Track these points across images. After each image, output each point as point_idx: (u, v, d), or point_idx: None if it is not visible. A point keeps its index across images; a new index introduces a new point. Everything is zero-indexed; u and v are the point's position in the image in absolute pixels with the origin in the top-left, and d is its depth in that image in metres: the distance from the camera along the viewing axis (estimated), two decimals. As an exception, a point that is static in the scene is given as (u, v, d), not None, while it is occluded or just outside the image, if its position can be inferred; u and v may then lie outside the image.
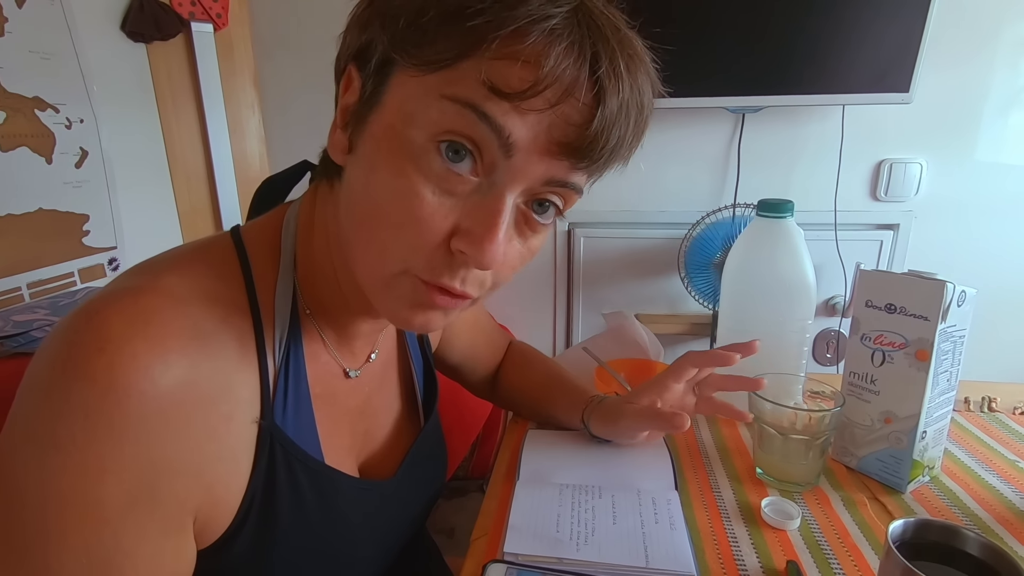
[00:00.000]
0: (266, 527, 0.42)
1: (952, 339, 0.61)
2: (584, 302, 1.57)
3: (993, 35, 1.28)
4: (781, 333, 0.77)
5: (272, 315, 0.43)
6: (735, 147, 1.38)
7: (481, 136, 0.35)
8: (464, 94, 0.34)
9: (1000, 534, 0.56)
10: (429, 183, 0.36)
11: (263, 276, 0.44)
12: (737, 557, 0.53)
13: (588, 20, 0.35)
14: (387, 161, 0.37)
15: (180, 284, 0.39)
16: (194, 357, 0.36)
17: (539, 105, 0.34)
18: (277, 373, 0.43)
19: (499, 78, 0.34)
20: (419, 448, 0.59)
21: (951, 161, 1.36)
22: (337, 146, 0.41)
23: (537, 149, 0.36)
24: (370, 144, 0.38)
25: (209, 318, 0.38)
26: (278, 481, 0.42)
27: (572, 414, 0.71)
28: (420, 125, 0.35)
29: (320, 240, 0.46)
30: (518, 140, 0.35)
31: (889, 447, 0.63)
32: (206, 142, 1.42)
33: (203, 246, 0.44)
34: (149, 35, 1.24)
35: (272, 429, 0.42)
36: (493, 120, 0.34)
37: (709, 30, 1.23)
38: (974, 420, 0.79)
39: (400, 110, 0.36)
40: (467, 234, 0.36)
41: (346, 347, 0.51)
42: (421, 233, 0.36)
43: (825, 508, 0.60)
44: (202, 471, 0.37)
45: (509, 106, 0.34)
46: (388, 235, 0.37)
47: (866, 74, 1.20)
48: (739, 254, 0.79)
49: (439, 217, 0.36)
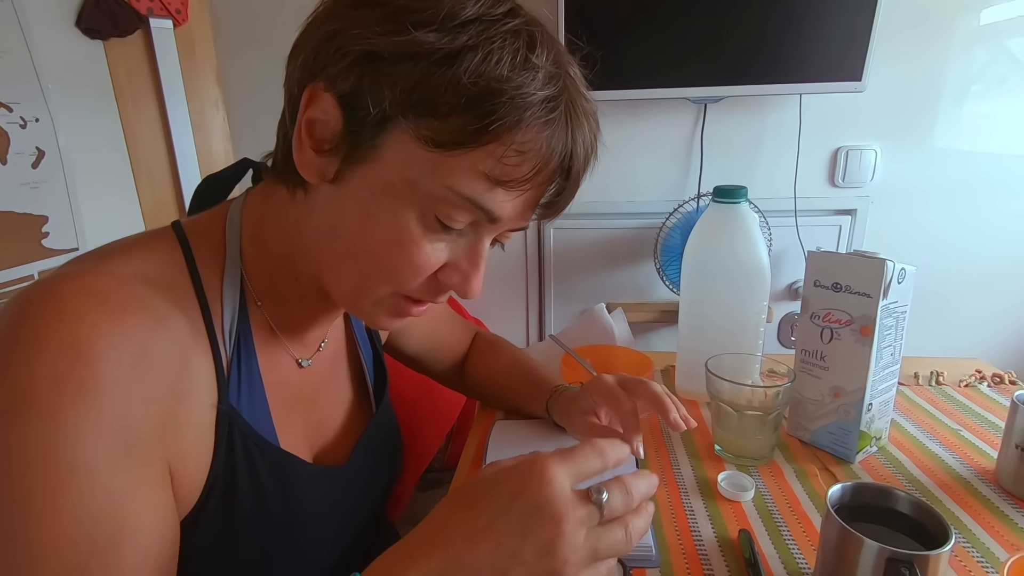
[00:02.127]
0: (229, 511, 0.43)
1: (894, 315, 0.64)
2: (556, 293, 1.58)
3: (945, 27, 1.33)
4: (739, 315, 0.79)
5: (220, 304, 0.44)
6: (698, 137, 1.41)
7: (475, 216, 0.40)
8: (468, 190, 0.38)
9: (940, 497, 0.59)
10: (427, 237, 0.41)
11: (208, 268, 0.45)
12: (694, 529, 0.55)
13: (570, 100, 0.40)
14: (386, 214, 0.40)
15: (124, 268, 0.40)
16: (150, 331, 0.37)
17: (526, 187, 0.40)
18: (230, 359, 0.44)
19: (502, 171, 0.38)
20: (371, 435, 0.60)
21: (904, 148, 1.41)
22: (311, 167, 0.41)
23: (516, 216, 0.42)
24: (364, 191, 0.40)
25: (158, 299, 0.39)
26: (237, 466, 0.43)
27: (537, 403, 0.73)
28: (421, 195, 0.39)
29: (276, 240, 0.47)
30: (503, 216, 0.41)
31: (838, 420, 0.66)
32: (169, 140, 1.39)
33: (146, 237, 0.45)
34: (106, 31, 1.21)
35: (230, 412, 0.43)
36: (489, 211, 0.40)
37: (670, 23, 1.25)
38: (922, 393, 0.83)
39: (401, 174, 0.39)
40: (455, 271, 0.43)
41: (297, 338, 0.52)
42: (419, 275, 0.42)
43: (779, 480, 0.63)
44: (172, 437, 0.38)
45: (503, 194, 0.39)
46: (383, 272, 0.42)
47: (821, 64, 1.24)
48: (697, 240, 0.81)
49: (434, 261, 0.42)
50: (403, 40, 0.36)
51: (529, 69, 0.37)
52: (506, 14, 0.38)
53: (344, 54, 0.38)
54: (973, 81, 1.37)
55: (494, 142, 0.37)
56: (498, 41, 0.36)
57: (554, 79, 0.38)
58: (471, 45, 0.36)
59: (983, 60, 1.36)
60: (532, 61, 0.37)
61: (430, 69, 0.36)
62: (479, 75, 0.36)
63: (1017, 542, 0.53)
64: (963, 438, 0.71)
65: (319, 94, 0.39)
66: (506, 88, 0.36)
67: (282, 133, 0.44)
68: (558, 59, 0.39)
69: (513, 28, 0.37)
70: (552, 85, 0.38)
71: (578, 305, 1.58)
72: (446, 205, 0.39)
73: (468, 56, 0.36)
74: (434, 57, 0.36)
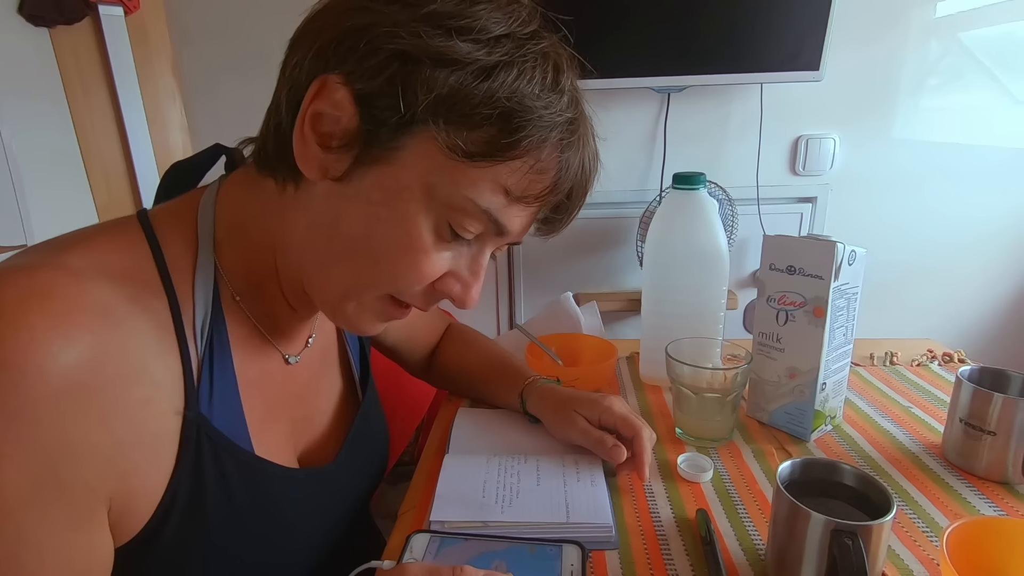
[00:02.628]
0: (194, 521, 0.41)
1: (846, 296, 0.65)
2: (526, 284, 1.59)
3: (902, 19, 1.37)
4: (700, 300, 0.80)
5: (191, 298, 0.42)
6: (662, 126, 1.42)
7: (486, 227, 0.41)
8: (487, 203, 0.39)
9: (889, 471, 0.61)
10: (437, 245, 0.41)
11: (178, 259, 0.42)
12: (652, 510, 0.56)
13: (584, 123, 0.42)
14: (399, 217, 0.40)
15: (79, 261, 0.37)
16: (100, 334, 0.34)
17: (541, 204, 0.41)
18: (201, 360, 0.41)
19: (521, 187, 0.40)
20: (359, 428, 0.59)
21: (862, 136, 1.45)
22: (313, 163, 0.39)
23: (521, 231, 0.43)
24: (376, 193, 0.39)
25: (116, 296, 0.36)
26: (205, 475, 0.41)
27: (510, 394, 0.72)
28: (439, 202, 0.39)
29: (259, 232, 0.45)
30: (512, 230, 0.42)
31: (794, 400, 0.68)
32: (123, 133, 1.35)
33: (107, 227, 0.42)
34: (51, 19, 1.17)
35: (198, 420, 0.40)
36: (502, 223, 0.41)
37: (633, 12, 1.26)
38: (877, 373, 0.85)
39: (421, 179, 0.39)
40: (456, 280, 0.44)
41: (282, 333, 0.50)
42: (421, 282, 0.42)
43: (737, 460, 0.64)
44: (114, 457, 0.35)
45: (518, 208, 0.41)
46: (382, 275, 0.42)
47: (780, 53, 1.27)
48: (658, 227, 0.82)
49: (438, 269, 0.42)
50: (442, 45, 0.36)
51: (557, 92, 0.39)
52: (534, 34, 0.39)
53: (373, 50, 0.37)
54: (929, 72, 1.42)
55: (520, 158, 0.39)
56: (530, 61, 0.38)
57: (574, 103, 0.41)
58: (507, 61, 0.37)
59: (938, 52, 1.40)
60: (560, 84, 0.40)
61: (467, 79, 0.37)
62: (513, 91, 0.37)
63: (959, 511, 0.55)
64: (913, 415, 0.73)
65: (333, 86, 0.37)
66: (537, 107, 0.38)
67: (274, 122, 0.41)
68: (576, 84, 0.42)
69: (543, 50, 0.39)
70: (573, 109, 0.41)
71: (548, 295, 1.58)
72: (462, 215, 0.40)
73: (504, 71, 0.37)
74: (473, 67, 0.37)
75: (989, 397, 0.58)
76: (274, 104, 0.42)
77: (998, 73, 1.41)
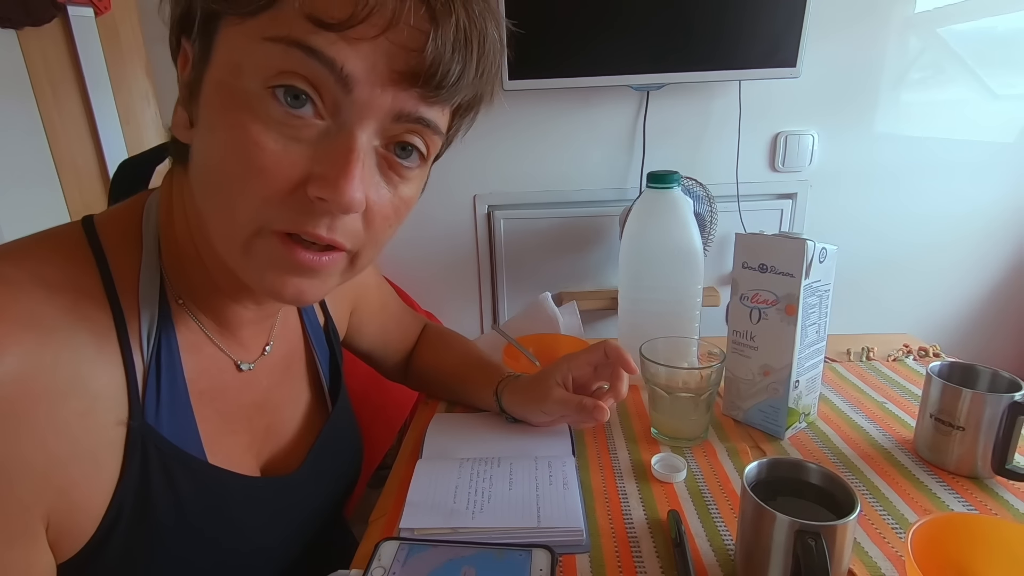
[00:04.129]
0: (143, 532, 0.40)
1: (817, 293, 0.66)
2: (508, 284, 1.58)
3: (880, 15, 1.37)
4: (675, 299, 0.80)
5: (136, 306, 0.41)
6: (640, 124, 1.42)
7: (314, 73, 0.34)
8: (287, 32, 0.33)
9: (861, 467, 0.61)
10: (270, 131, 0.34)
11: (122, 266, 0.41)
12: (625, 511, 0.56)
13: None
14: (223, 118, 0.35)
15: (12, 271, 0.36)
16: (30, 347, 0.34)
17: (368, 33, 0.33)
18: (147, 369, 0.41)
19: (319, 9, 0.33)
20: (325, 439, 0.58)
21: (840, 132, 1.46)
22: (180, 124, 0.39)
23: (378, 80, 0.35)
24: (206, 109, 0.37)
25: (50, 306, 0.36)
26: (152, 485, 0.40)
27: (486, 391, 0.72)
28: (250, 73, 0.34)
29: (181, 224, 0.44)
30: (353, 72, 0.34)
31: (768, 398, 0.68)
32: (95, 135, 1.33)
33: (48, 235, 0.41)
34: (18, 20, 1.14)
35: (143, 430, 0.39)
36: (322, 54, 0.33)
37: (612, 10, 1.25)
38: (852, 369, 0.86)
39: (228, 63, 0.35)
40: (322, 178, 0.35)
41: (232, 338, 0.49)
42: (268, 183, 0.35)
43: (711, 459, 0.64)
44: (50, 473, 0.35)
45: (335, 36, 0.33)
46: (236, 193, 0.36)
47: (758, 50, 1.27)
48: (634, 225, 0.81)
49: (286, 164, 0.35)
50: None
51: None
52: None
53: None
54: (908, 67, 1.43)
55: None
56: None
57: None
58: None
59: (917, 47, 1.41)
60: None
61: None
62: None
63: (928, 506, 0.55)
64: (887, 410, 0.73)
65: (185, 49, 0.39)
66: None
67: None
68: None
69: None
70: None
71: (531, 294, 1.57)
72: (275, 62, 0.33)
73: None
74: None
75: (958, 392, 0.59)
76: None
77: (977, 68, 1.43)
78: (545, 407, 0.65)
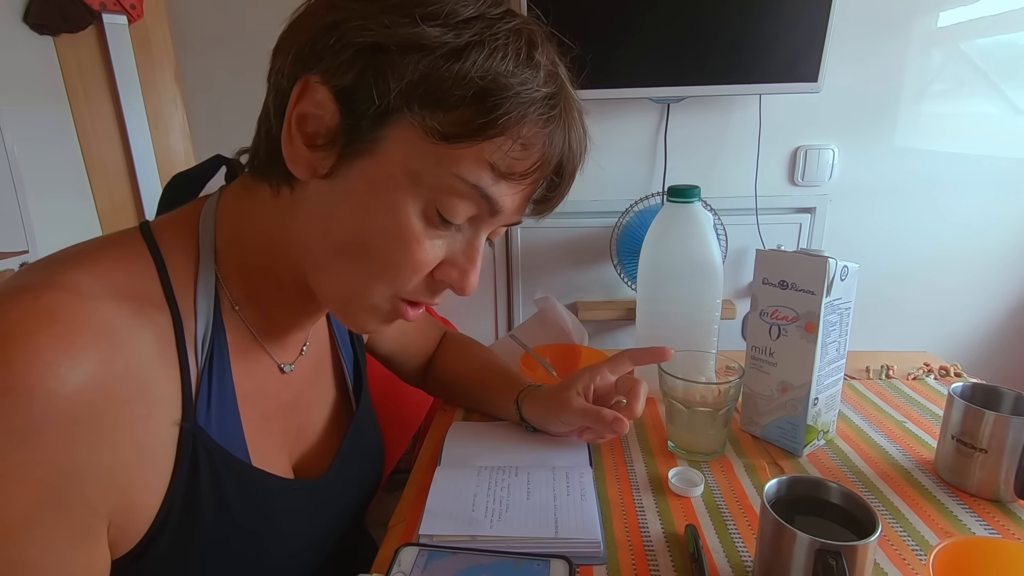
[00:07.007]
0: (188, 532, 0.41)
1: (838, 311, 0.65)
2: (524, 292, 1.59)
3: (902, 30, 1.37)
4: (694, 312, 0.80)
5: (193, 311, 0.42)
6: (661, 136, 1.43)
7: (479, 207, 0.41)
8: (476, 178, 0.39)
9: (880, 487, 0.61)
10: (427, 232, 0.41)
11: (180, 271, 0.43)
12: (642, 524, 0.56)
13: (566, 98, 0.41)
14: (386, 208, 0.40)
15: (86, 279, 0.37)
16: (106, 354, 0.35)
17: (531, 181, 0.41)
18: (200, 372, 0.42)
19: (506, 164, 0.39)
20: (352, 439, 0.59)
21: (861, 147, 1.45)
22: (302, 163, 0.40)
23: (516, 209, 0.43)
24: (363, 184, 0.39)
25: (121, 314, 0.37)
26: (201, 485, 0.41)
27: (506, 400, 0.72)
28: (426, 187, 0.39)
29: (257, 240, 0.45)
30: (506, 207, 0.41)
31: (787, 414, 0.68)
32: (125, 139, 1.36)
33: (111, 241, 0.42)
34: (55, 27, 1.18)
35: (195, 431, 0.41)
36: (493, 199, 0.40)
37: (634, 24, 1.26)
38: (872, 387, 0.85)
39: (404, 166, 0.39)
40: (452, 267, 0.44)
41: (277, 341, 0.51)
42: (418, 272, 0.42)
43: (728, 475, 0.64)
44: (116, 474, 0.36)
45: (507, 185, 0.40)
46: (379, 270, 0.42)
47: (778, 65, 1.27)
48: (653, 239, 0.82)
49: (432, 257, 0.42)
50: (410, 33, 0.37)
51: (532, 67, 0.39)
52: (505, 13, 0.40)
53: (344, 46, 0.37)
54: (929, 82, 1.42)
55: (500, 136, 0.38)
56: (502, 38, 0.38)
57: (553, 77, 0.40)
58: (477, 41, 0.37)
59: (940, 62, 1.41)
60: (535, 59, 0.39)
61: (437, 62, 0.37)
62: (486, 70, 0.37)
63: (950, 529, 0.55)
64: (907, 430, 0.73)
65: (313, 87, 0.38)
66: (512, 83, 0.37)
67: (264, 129, 0.42)
68: (554, 58, 0.41)
69: (515, 27, 0.39)
70: (552, 83, 0.40)
71: (546, 304, 1.59)
72: (451, 195, 0.40)
73: (475, 51, 0.37)
74: (442, 51, 0.37)
75: (981, 415, 0.58)
76: (264, 111, 0.43)
77: (1000, 83, 1.41)
78: (564, 417, 0.65)
